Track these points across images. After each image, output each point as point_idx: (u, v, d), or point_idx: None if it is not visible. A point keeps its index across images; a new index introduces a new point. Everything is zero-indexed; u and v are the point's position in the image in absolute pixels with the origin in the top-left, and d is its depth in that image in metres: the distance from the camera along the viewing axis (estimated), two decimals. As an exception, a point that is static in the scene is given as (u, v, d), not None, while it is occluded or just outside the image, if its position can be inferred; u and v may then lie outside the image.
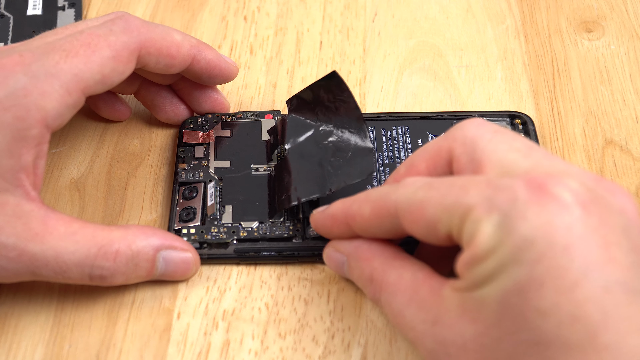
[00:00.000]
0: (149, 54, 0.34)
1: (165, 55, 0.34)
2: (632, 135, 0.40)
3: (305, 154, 0.36)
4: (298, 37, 0.45)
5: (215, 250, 0.35)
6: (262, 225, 0.35)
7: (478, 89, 0.42)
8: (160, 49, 0.34)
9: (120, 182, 0.38)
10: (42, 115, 0.30)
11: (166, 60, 0.34)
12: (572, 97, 0.42)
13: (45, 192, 0.38)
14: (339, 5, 0.47)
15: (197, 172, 0.37)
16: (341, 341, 0.33)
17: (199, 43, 0.36)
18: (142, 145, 0.40)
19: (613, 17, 0.46)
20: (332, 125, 0.36)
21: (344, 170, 0.35)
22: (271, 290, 0.35)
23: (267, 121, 0.39)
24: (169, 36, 0.34)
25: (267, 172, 0.37)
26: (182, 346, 0.33)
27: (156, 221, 0.37)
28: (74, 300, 0.34)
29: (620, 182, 0.38)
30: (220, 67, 0.37)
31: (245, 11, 0.46)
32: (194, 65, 0.36)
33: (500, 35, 0.45)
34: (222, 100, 0.39)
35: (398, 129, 0.39)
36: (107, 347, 0.33)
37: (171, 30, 0.35)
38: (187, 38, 0.35)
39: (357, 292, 0.34)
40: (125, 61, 0.33)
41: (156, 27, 0.34)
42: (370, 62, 0.44)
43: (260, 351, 0.33)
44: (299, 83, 0.43)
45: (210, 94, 0.39)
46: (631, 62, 0.43)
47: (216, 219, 0.35)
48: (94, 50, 0.32)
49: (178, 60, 0.35)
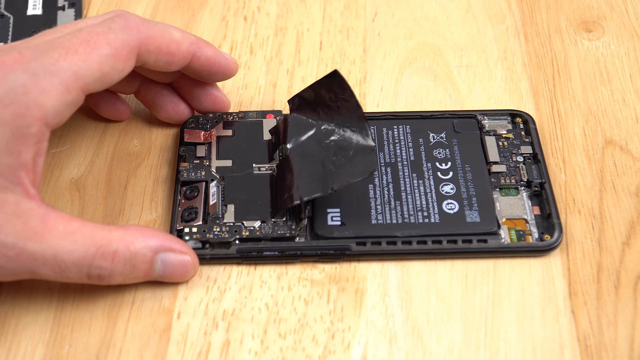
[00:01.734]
0: (148, 52, 0.34)
1: (165, 52, 0.34)
2: (632, 135, 0.40)
3: (307, 153, 0.36)
4: (298, 37, 0.45)
5: (218, 250, 0.35)
6: (264, 224, 0.35)
7: (478, 89, 0.42)
8: (160, 47, 0.34)
9: (120, 182, 0.38)
10: (42, 112, 0.30)
11: (166, 57, 0.34)
12: (572, 97, 0.42)
13: (45, 192, 0.38)
14: (339, 5, 0.47)
15: (198, 171, 0.37)
16: (341, 341, 0.33)
17: (198, 40, 0.36)
18: (142, 145, 0.40)
19: (613, 17, 0.46)
20: (333, 124, 0.36)
21: (346, 169, 0.35)
22: (271, 290, 0.35)
23: (268, 121, 0.39)
24: (168, 33, 0.34)
25: (269, 171, 0.37)
26: (182, 346, 0.33)
27: (156, 221, 0.37)
28: (74, 300, 0.34)
29: (620, 182, 0.38)
30: (220, 63, 0.37)
31: (245, 11, 0.46)
32: (193, 62, 0.36)
33: (500, 35, 0.45)
34: (223, 98, 0.39)
35: (399, 128, 0.39)
36: (107, 347, 0.33)
37: (170, 28, 0.35)
38: (186, 35, 0.35)
39: (357, 292, 0.34)
40: (125, 59, 0.33)
41: (155, 24, 0.34)
42: (370, 62, 0.44)
43: (260, 351, 0.33)
44: (299, 83, 0.43)
45: (211, 91, 0.39)
46: (631, 62, 0.43)
47: (218, 218, 0.35)
48: (93, 48, 0.32)
49: (178, 57, 0.35)
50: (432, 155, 0.38)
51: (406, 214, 0.36)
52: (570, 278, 0.35)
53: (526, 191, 0.37)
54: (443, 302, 0.34)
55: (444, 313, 0.34)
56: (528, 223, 0.36)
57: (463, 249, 0.35)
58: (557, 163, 0.39)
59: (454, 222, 0.35)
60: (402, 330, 0.33)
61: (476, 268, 0.35)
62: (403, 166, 0.37)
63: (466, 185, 0.36)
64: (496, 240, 0.35)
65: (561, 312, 0.34)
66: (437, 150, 0.38)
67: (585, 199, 0.37)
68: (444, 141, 0.38)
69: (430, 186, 0.37)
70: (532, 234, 0.35)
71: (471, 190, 0.36)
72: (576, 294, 0.34)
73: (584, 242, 0.36)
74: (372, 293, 0.34)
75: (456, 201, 0.36)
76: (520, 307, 0.34)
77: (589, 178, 0.38)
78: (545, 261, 0.35)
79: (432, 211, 0.36)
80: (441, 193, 0.36)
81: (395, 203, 0.36)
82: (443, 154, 0.38)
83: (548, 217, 0.36)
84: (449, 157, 0.38)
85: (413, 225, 0.35)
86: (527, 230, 0.35)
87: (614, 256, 0.35)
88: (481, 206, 0.36)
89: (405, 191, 0.36)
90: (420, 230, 0.35)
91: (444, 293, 0.34)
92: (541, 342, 0.33)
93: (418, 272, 0.35)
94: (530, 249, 0.35)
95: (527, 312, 0.34)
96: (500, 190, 0.37)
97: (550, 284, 0.34)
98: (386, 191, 0.36)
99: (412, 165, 0.37)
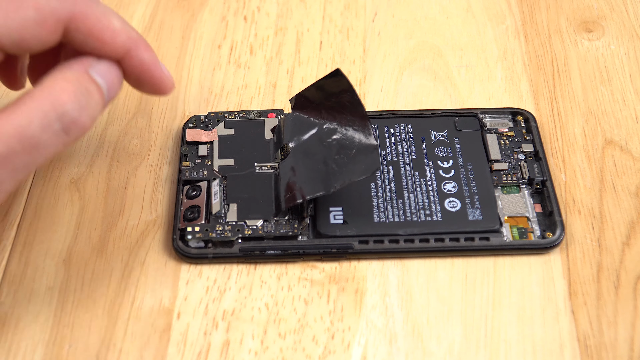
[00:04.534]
0: (77, 30, 0.30)
1: (96, 38, 0.30)
2: (632, 135, 0.40)
3: (309, 152, 0.36)
4: (298, 37, 0.45)
5: (221, 249, 0.35)
6: (266, 223, 0.35)
7: (478, 89, 0.42)
8: (92, 29, 0.30)
9: (120, 182, 0.38)
10: None
11: (95, 43, 0.30)
12: (572, 97, 0.42)
13: (45, 192, 0.38)
14: (339, 5, 0.47)
15: (200, 170, 0.37)
16: (341, 341, 0.33)
17: (140, 39, 0.31)
18: (142, 145, 0.40)
19: (613, 17, 0.46)
20: (336, 123, 0.36)
21: (348, 168, 0.35)
22: (271, 290, 0.34)
23: (270, 120, 0.39)
24: (106, 19, 0.30)
25: (271, 170, 0.37)
26: (182, 346, 0.33)
27: (156, 221, 0.37)
28: (74, 300, 0.34)
29: (620, 182, 0.38)
30: (153, 73, 0.32)
31: (245, 11, 0.46)
32: (125, 60, 0.31)
33: (500, 35, 0.45)
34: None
35: (401, 127, 0.39)
36: (107, 347, 0.33)
37: (112, 14, 0.31)
38: (127, 28, 0.31)
39: (357, 292, 0.34)
40: (51, 30, 0.29)
41: (97, 4, 0.30)
42: (370, 62, 0.44)
43: (260, 351, 0.33)
44: (299, 83, 0.43)
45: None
46: (631, 62, 0.43)
47: (221, 217, 0.35)
48: (18, 7, 0.28)
49: (109, 48, 0.30)
50: (433, 154, 0.38)
51: (408, 212, 0.36)
52: (570, 278, 0.35)
53: (528, 189, 0.37)
54: (443, 302, 0.34)
55: (444, 313, 0.34)
56: (530, 221, 0.36)
57: (465, 246, 0.35)
58: (557, 163, 0.39)
59: (456, 220, 0.35)
60: (402, 330, 0.33)
61: (476, 268, 0.35)
62: (405, 164, 0.37)
63: (468, 184, 0.37)
64: (498, 238, 0.35)
65: (561, 312, 0.34)
66: (438, 148, 0.38)
67: (585, 199, 0.37)
68: (445, 139, 0.38)
69: (432, 184, 0.37)
70: (534, 231, 0.35)
71: (473, 189, 0.36)
72: (576, 294, 0.34)
73: (584, 242, 0.36)
74: (372, 293, 0.34)
75: (458, 199, 0.36)
76: (520, 307, 0.34)
77: (589, 178, 0.38)
78: (545, 261, 0.35)
79: (434, 209, 0.36)
80: (443, 191, 0.36)
81: (397, 201, 0.36)
82: (445, 152, 0.38)
83: (550, 214, 0.36)
84: (450, 155, 0.38)
85: (415, 223, 0.35)
86: (529, 228, 0.36)
87: (614, 256, 0.35)
88: (483, 204, 0.36)
89: (407, 189, 0.36)
90: (422, 228, 0.35)
91: (444, 293, 0.34)
92: (541, 342, 0.33)
93: (418, 272, 0.35)
94: (532, 246, 0.35)
95: (527, 312, 0.34)
96: (502, 188, 0.37)
97: (550, 284, 0.34)
98: (388, 189, 0.36)
99: (414, 164, 0.37)
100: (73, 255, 0.35)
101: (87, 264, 0.35)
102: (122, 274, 0.35)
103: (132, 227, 0.36)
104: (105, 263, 0.35)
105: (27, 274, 0.35)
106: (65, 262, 0.35)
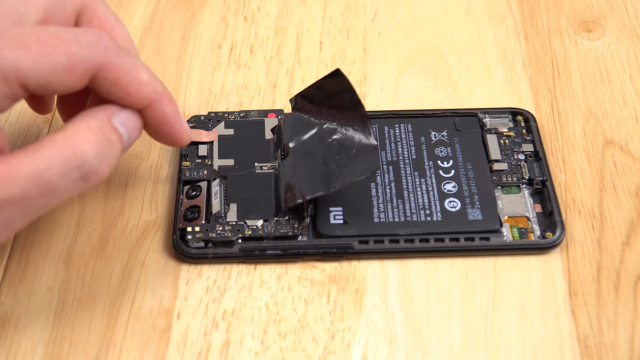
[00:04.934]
0: (104, 79, 0.30)
1: (122, 89, 0.31)
2: (632, 135, 0.40)
3: (309, 152, 0.36)
4: (298, 37, 0.45)
5: (221, 249, 0.35)
6: (267, 223, 0.35)
7: (478, 89, 0.42)
8: (119, 80, 0.30)
9: (120, 182, 0.38)
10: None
11: (120, 93, 0.31)
12: (572, 97, 0.42)
13: (44, 191, 0.38)
14: (339, 5, 0.47)
15: (200, 170, 0.37)
16: (341, 341, 0.33)
17: (164, 92, 0.32)
18: (142, 145, 0.40)
19: (613, 17, 0.46)
20: (336, 123, 0.36)
21: (348, 168, 0.35)
22: (271, 290, 0.34)
23: (270, 120, 0.39)
24: (135, 70, 0.31)
25: (271, 170, 0.37)
26: (182, 346, 0.33)
27: (156, 221, 0.37)
28: (74, 300, 0.34)
29: (620, 182, 0.38)
30: (172, 127, 0.33)
31: (245, 11, 0.46)
32: (147, 111, 0.32)
33: (500, 35, 0.45)
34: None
35: (401, 127, 0.39)
36: (107, 347, 0.33)
37: (141, 66, 0.31)
38: (154, 81, 0.31)
39: (357, 292, 0.34)
40: (78, 77, 0.29)
41: (128, 56, 0.30)
42: (370, 62, 0.44)
43: (260, 351, 0.33)
44: (299, 83, 0.43)
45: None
46: (631, 62, 0.43)
47: (221, 217, 0.35)
48: (49, 52, 0.28)
49: (133, 99, 0.31)
50: (433, 154, 0.38)
51: (408, 212, 0.36)
52: (570, 278, 0.35)
53: (528, 189, 0.37)
54: (443, 302, 0.34)
55: (444, 313, 0.34)
56: (530, 221, 0.36)
57: (465, 246, 0.35)
58: (557, 163, 0.39)
59: (456, 220, 0.35)
60: (402, 330, 0.33)
61: (476, 268, 0.35)
62: (405, 164, 0.37)
63: (468, 184, 0.37)
64: (498, 238, 0.35)
65: (561, 312, 0.34)
66: (438, 148, 0.38)
67: (585, 199, 0.37)
68: (445, 139, 0.38)
69: (432, 184, 0.37)
70: (534, 231, 0.35)
71: (473, 188, 0.36)
72: (576, 294, 0.34)
73: (584, 242, 0.36)
74: (372, 293, 0.34)
75: (458, 199, 0.36)
76: (520, 307, 0.34)
77: (589, 178, 0.38)
78: (546, 261, 0.35)
79: (435, 209, 0.36)
80: (443, 191, 0.36)
81: (397, 201, 0.36)
82: (445, 152, 0.38)
83: (550, 214, 0.36)
84: (450, 155, 0.38)
85: (415, 223, 0.35)
86: (529, 228, 0.36)
87: (614, 256, 0.35)
88: (483, 204, 0.36)
89: (407, 189, 0.36)
90: (422, 228, 0.35)
91: (444, 293, 0.34)
92: (541, 342, 0.33)
93: (418, 272, 0.35)
94: (533, 246, 0.35)
95: (527, 312, 0.34)
96: (502, 188, 0.37)
97: (550, 284, 0.34)
98: (388, 189, 0.36)
99: (414, 164, 0.37)
100: (73, 255, 0.35)
101: (87, 264, 0.35)
102: (122, 274, 0.35)
103: (132, 227, 0.36)
104: (105, 263, 0.35)
105: (27, 274, 0.35)
106: (65, 262, 0.35)
